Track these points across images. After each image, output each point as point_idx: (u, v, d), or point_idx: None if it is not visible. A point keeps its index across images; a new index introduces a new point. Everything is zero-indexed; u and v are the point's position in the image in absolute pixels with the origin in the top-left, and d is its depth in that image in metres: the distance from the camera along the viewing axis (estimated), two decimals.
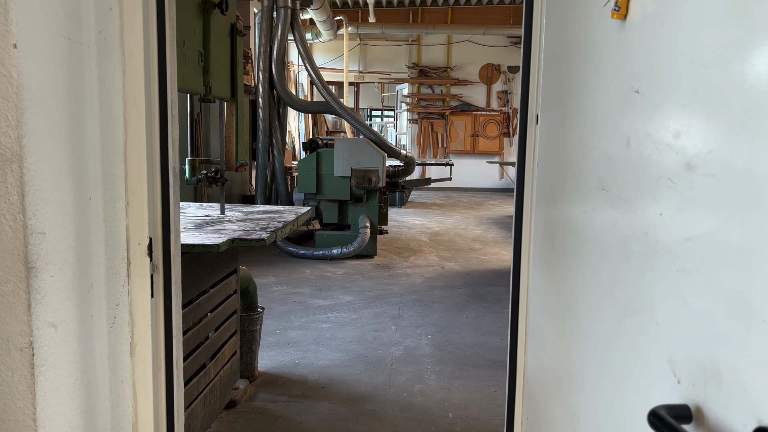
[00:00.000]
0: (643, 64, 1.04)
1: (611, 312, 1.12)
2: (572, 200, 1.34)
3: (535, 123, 1.48)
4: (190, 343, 2.70)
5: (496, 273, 6.58)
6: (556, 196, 1.41)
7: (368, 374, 3.77)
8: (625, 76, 1.10)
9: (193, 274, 2.70)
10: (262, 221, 3.06)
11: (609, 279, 1.14)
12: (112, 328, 1.51)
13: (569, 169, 1.38)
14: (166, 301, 1.57)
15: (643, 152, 1.04)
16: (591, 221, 1.23)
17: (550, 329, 1.43)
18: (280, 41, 7.24)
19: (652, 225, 0.99)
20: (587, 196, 1.27)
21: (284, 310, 5.07)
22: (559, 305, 1.43)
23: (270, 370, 3.81)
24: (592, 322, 1.22)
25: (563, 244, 1.41)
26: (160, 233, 1.55)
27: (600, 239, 1.18)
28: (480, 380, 3.70)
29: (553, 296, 1.43)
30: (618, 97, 1.14)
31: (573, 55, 1.39)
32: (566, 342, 1.35)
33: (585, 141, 1.31)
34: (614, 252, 1.12)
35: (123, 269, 1.50)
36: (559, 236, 1.44)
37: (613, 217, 1.13)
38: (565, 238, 1.40)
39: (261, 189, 7.54)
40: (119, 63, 1.45)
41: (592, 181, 1.26)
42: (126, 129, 1.47)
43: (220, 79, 2.92)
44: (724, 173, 0.80)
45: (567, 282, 1.37)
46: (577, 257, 1.31)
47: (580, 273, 1.28)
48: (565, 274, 1.40)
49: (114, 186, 1.47)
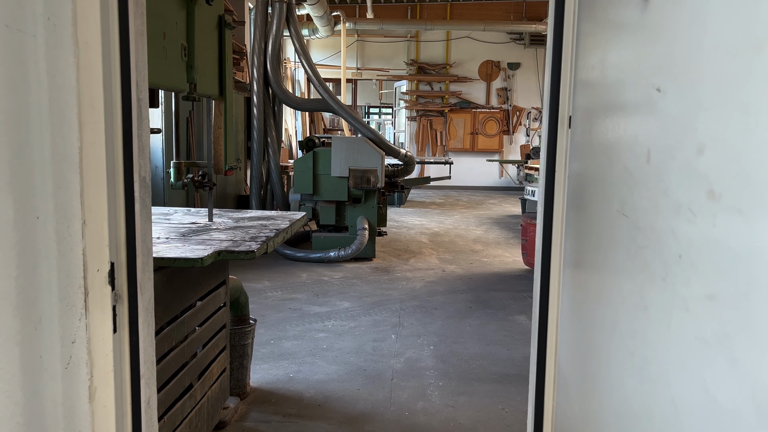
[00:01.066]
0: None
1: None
2: (598, 231, 1.12)
3: (566, 126, 1.25)
4: (173, 364, 2.47)
5: (499, 276, 6.36)
6: (586, 226, 1.19)
7: (367, 390, 3.54)
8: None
9: (176, 288, 2.47)
10: (253, 229, 2.82)
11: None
12: (67, 369, 1.28)
13: (592, 189, 1.16)
14: (132, 335, 1.33)
15: (663, 169, 0.83)
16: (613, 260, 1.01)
17: (579, 379, 1.21)
18: (275, 36, 7.00)
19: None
20: (608, 221, 1.05)
21: (279, 317, 4.84)
22: (587, 351, 1.21)
23: (263, 385, 3.58)
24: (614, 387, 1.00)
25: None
26: (124, 257, 1.31)
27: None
28: (487, 396, 3.48)
29: (582, 342, 1.20)
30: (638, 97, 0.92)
31: (605, 43, 1.16)
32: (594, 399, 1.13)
33: (607, 152, 1.09)
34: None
35: (79, 300, 1.27)
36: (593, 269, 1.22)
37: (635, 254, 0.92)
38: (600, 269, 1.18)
39: (256, 189, 7.30)
40: (72, 55, 1.21)
41: (614, 202, 1.04)
42: (81, 134, 1.23)
43: (206, 75, 2.68)
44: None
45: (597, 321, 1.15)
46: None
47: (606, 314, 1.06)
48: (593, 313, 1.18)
49: (67, 202, 1.24)
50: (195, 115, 6.41)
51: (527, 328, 4.67)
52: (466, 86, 15.37)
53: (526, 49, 15.20)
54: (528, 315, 5.02)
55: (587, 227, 1.13)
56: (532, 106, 15.53)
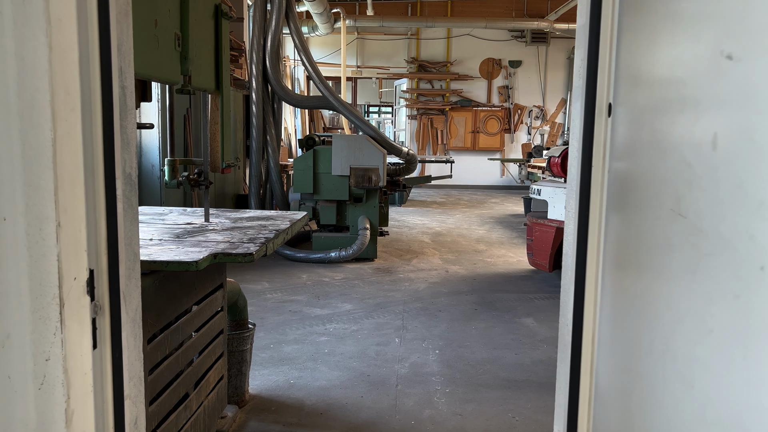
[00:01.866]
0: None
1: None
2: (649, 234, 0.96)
3: (605, 114, 1.10)
4: (167, 374, 2.32)
5: (504, 277, 6.22)
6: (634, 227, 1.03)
7: (371, 397, 3.40)
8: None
9: (169, 294, 2.32)
10: (252, 230, 2.68)
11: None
12: (41, 390, 1.13)
13: (638, 185, 1.01)
14: (114, 351, 1.19)
15: (736, 156, 0.68)
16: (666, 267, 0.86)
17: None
18: (274, 32, 6.84)
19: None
20: (658, 223, 0.90)
21: (279, 320, 4.69)
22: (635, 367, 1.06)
23: (262, 392, 3.44)
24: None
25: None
26: (105, 263, 1.16)
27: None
28: (496, 404, 3.33)
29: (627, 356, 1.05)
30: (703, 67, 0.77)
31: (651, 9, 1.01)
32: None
33: (656, 140, 0.94)
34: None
35: (54, 313, 1.12)
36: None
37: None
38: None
39: (255, 189, 7.16)
40: (44, 34, 1.07)
41: (666, 200, 0.89)
42: (55, 123, 1.09)
43: (201, 67, 2.53)
44: None
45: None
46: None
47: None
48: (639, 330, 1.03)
49: (39, 201, 1.09)
50: (192, 111, 6.26)
51: (535, 331, 4.53)
52: (467, 84, 15.24)
53: (527, 47, 15.06)
54: (536, 317, 4.88)
55: (632, 230, 0.98)
56: (534, 104, 15.39)
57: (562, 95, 15.45)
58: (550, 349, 4.16)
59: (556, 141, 15.39)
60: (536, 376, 3.72)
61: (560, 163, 5.67)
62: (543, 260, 5.86)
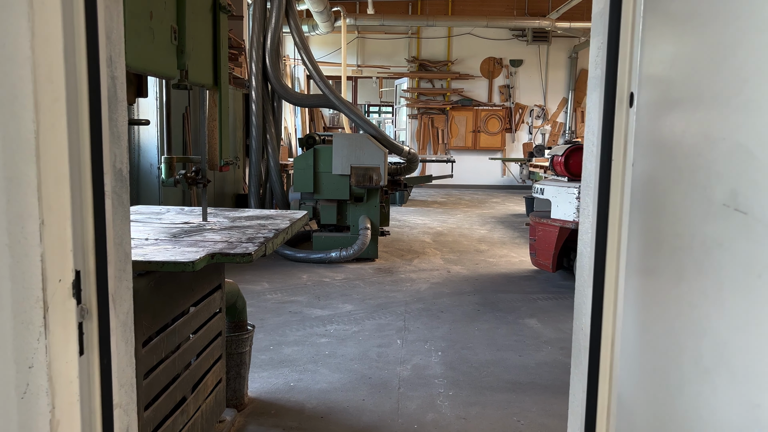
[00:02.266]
0: None
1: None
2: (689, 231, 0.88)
3: (627, 105, 1.03)
4: (163, 378, 2.25)
5: (506, 277, 6.14)
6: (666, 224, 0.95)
7: (373, 400, 3.32)
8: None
9: (166, 295, 2.25)
10: (251, 230, 2.60)
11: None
12: (24, 400, 1.06)
13: (674, 178, 0.93)
14: (103, 357, 1.12)
15: None
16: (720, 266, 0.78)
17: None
18: (274, 30, 6.77)
19: None
20: (706, 220, 0.82)
21: (279, 321, 4.62)
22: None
23: (262, 395, 3.37)
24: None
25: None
26: (92, 263, 1.09)
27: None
28: (500, 407, 3.26)
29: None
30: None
31: None
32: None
33: (702, 126, 0.86)
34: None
35: (38, 317, 1.05)
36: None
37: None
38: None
39: (254, 188, 7.09)
40: (25, 18, 1.00)
41: (717, 193, 0.81)
42: (38, 115, 1.02)
43: (199, 61, 2.46)
44: None
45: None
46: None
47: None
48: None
49: (21, 198, 1.02)
50: (191, 109, 6.19)
51: (539, 333, 4.46)
52: (468, 83, 15.16)
53: (528, 46, 14.99)
54: (539, 318, 4.80)
55: (665, 229, 0.90)
56: (535, 103, 15.32)
57: (564, 94, 15.38)
58: (555, 351, 4.09)
59: (557, 140, 15.32)
60: (541, 378, 3.64)
61: (564, 162, 5.60)
62: (546, 260, 5.79)
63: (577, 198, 5.41)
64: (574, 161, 5.62)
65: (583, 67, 15.24)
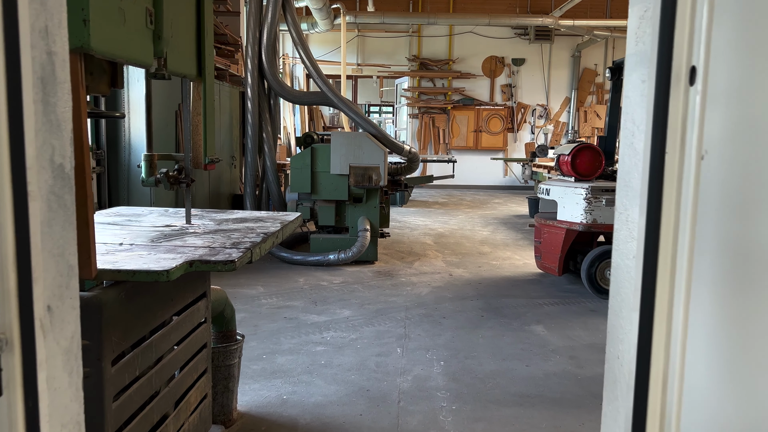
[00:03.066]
0: None
1: None
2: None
3: (686, 82, 0.81)
4: (137, 398, 2.03)
5: (510, 281, 5.92)
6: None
7: (371, 415, 3.11)
8: None
9: (140, 306, 2.04)
10: (237, 234, 2.39)
11: None
12: None
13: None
14: (28, 398, 0.90)
15: None
16: None
17: None
18: (270, 25, 6.56)
19: None
20: None
21: (273, 328, 4.40)
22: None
23: (252, 409, 3.15)
24: None
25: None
26: (13, 281, 0.88)
27: None
28: (508, 423, 3.04)
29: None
30: None
31: None
32: None
33: None
34: None
35: None
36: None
37: None
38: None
39: (250, 189, 6.87)
40: None
41: None
42: None
43: (179, 48, 2.24)
44: None
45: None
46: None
47: None
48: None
49: None
50: (185, 106, 5.97)
51: (546, 340, 4.24)
52: (470, 83, 14.94)
53: (531, 45, 14.77)
54: (546, 325, 4.58)
55: (763, 239, 0.69)
56: (537, 103, 15.10)
57: (567, 94, 15.16)
58: (564, 361, 3.87)
59: (560, 140, 15.10)
60: (550, 391, 3.42)
61: (571, 162, 5.38)
62: (552, 263, 5.57)
63: (585, 199, 5.19)
64: (582, 161, 5.41)
65: (586, 66, 15.02)
